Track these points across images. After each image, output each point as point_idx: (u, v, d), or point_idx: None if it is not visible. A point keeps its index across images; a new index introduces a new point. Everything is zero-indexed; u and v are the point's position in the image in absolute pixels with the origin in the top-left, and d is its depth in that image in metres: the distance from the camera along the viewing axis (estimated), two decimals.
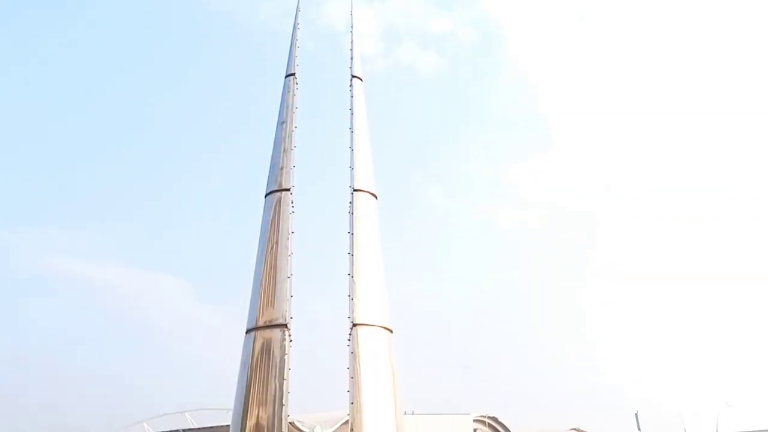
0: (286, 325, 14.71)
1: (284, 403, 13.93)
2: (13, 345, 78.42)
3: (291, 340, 14.68)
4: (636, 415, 41.84)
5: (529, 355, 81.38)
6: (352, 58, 18.44)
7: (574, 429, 51.56)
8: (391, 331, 15.46)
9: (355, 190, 16.33)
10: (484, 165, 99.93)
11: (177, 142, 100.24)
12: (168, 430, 48.45)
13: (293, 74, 18.04)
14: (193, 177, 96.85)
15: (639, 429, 40.64)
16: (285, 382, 14.18)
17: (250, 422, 13.93)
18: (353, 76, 18.15)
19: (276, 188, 16.31)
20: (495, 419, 47.50)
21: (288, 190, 16.22)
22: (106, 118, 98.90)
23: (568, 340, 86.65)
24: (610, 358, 79.58)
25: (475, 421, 44.08)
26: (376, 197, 16.75)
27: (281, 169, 16.48)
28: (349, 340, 14.85)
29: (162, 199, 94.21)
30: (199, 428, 46.60)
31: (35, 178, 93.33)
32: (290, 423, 14.30)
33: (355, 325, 14.85)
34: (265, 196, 16.46)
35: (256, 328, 14.88)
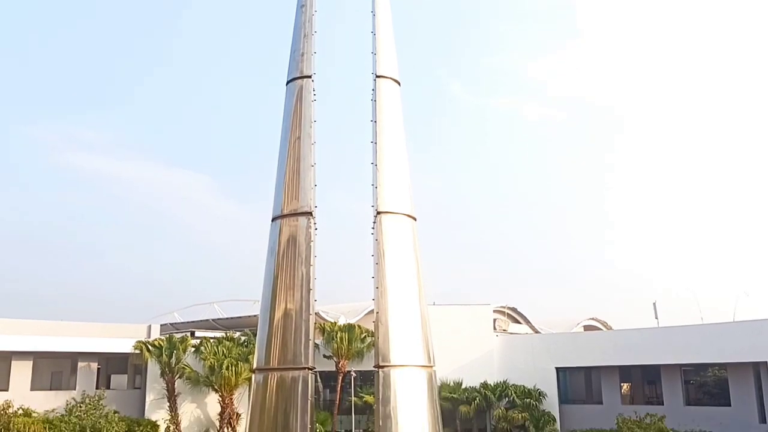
0: (311, 213, 14.78)
1: (311, 287, 14.22)
2: (37, 235, 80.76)
3: (316, 228, 14.79)
4: (654, 304, 42.59)
5: (549, 246, 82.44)
6: None
7: (593, 318, 52.78)
8: (415, 219, 15.45)
9: (378, 77, 15.86)
10: (508, 58, 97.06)
11: (195, 28, 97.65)
12: (198, 319, 50.59)
13: None
14: (213, 68, 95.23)
15: (657, 318, 41.44)
16: (311, 268, 14.41)
17: (280, 306, 14.30)
18: None
19: (297, 75, 15.87)
20: (514, 309, 48.65)
21: (309, 77, 15.79)
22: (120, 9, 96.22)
23: (588, 231, 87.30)
24: (628, 248, 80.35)
25: (495, 311, 45.11)
26: (399, 84, 16.32)
27: (302, 55, 15.98)
28: (373, 227, 14.91)
29: (177, 91, 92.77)
30: (227, 318, 48.60)
31: (53, 67, 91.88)
32: (315, 313, 14.64)
33: (379, 212, 14.85)
34: (287, 84, 16.09)
35: (282, 216, 14.97)
